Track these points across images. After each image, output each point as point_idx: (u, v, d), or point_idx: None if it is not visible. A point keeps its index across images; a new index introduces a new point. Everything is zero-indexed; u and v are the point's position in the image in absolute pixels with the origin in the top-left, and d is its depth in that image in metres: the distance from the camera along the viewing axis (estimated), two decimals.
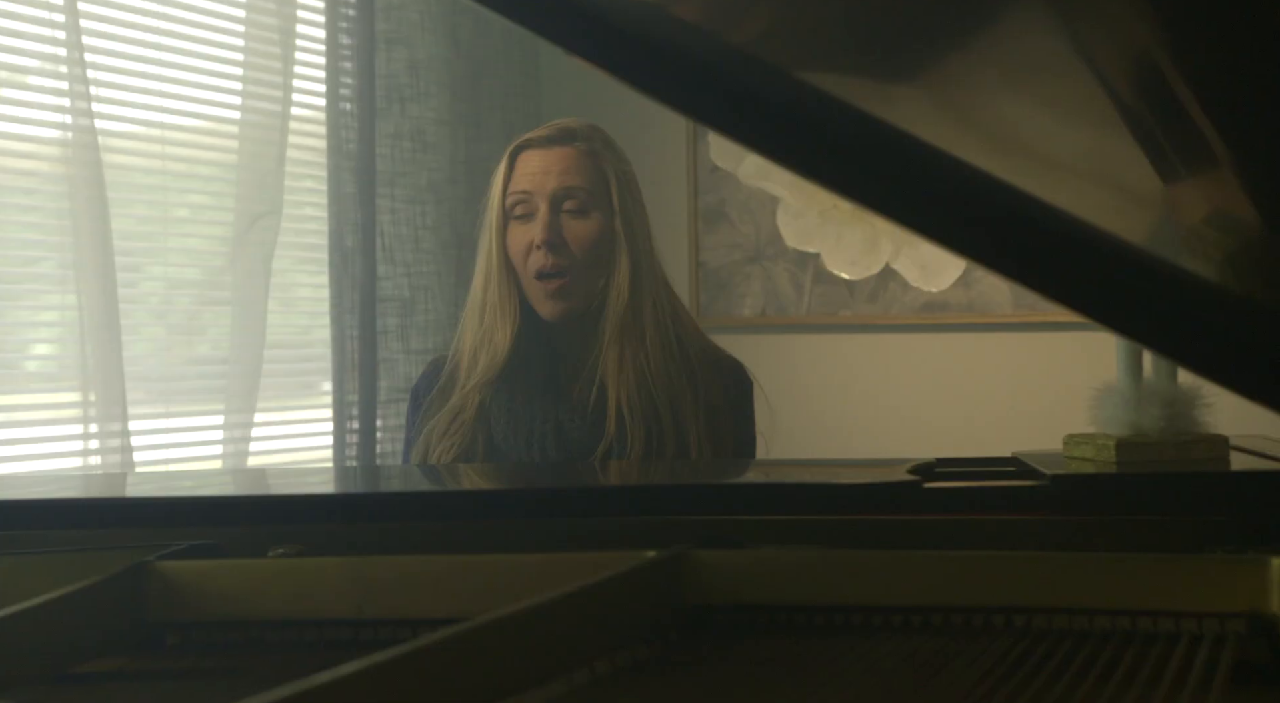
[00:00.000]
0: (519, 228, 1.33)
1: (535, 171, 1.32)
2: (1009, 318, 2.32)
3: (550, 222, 1.30)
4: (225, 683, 0.64)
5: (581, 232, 1.32)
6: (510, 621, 0.53)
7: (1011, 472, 0.83)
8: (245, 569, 0.70)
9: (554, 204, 1.31)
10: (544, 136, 1.34)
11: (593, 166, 1.34)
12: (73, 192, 1.70)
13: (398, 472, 1.25)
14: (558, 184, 1.32)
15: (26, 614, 0.56)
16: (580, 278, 1.32)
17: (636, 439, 1.29)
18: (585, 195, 1.32)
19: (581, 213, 1.32)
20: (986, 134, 0.69)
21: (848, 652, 0.63)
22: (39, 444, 1.74)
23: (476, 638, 0.51)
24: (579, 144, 1.34)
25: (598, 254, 1.32)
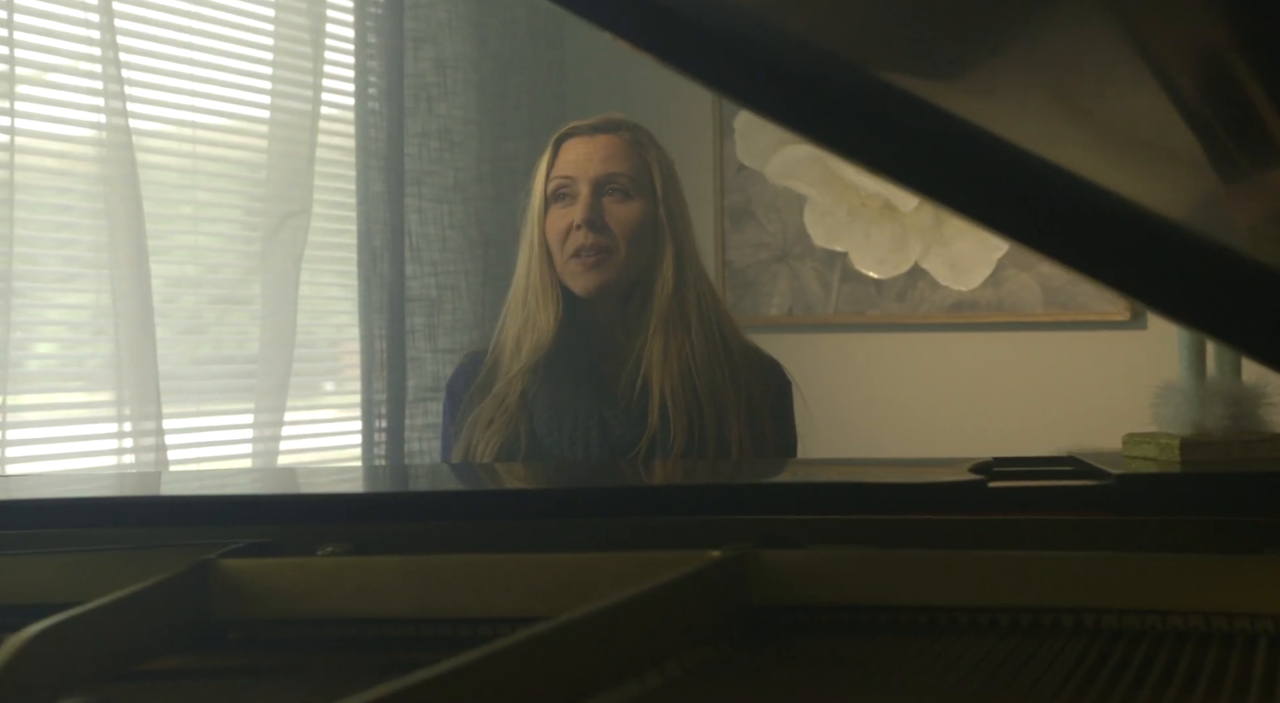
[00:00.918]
0: (559, 211, 1.34)
1: (578, 158, 1.34)
2: (1039, 317, 2.31)
3: (591, 203, 1.31)
4: (288, 681, 0.64)
5: (624, 214, 1.32)
6: (587, 621, 0.52)
7: (1070, 471, 0.82)
8: (306, 567, 0.70)
9: (596, 188, 1.32)
10: (589, 125, 1.36)
11: (636, 155, 1.35)
12: (108, 191, 1.71)
13: (446, 470, 1.25)
14: (601, 170, 1.33)
15: (96, 613, 0.56)
16: (619, 256, 1.32)
17: (679, 431, 1.28)
18: (628, 181, 1.33)
19: (624, 196, 1.33)
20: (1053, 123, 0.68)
21: (920, 653, 0.62)
22: (73, 443, 1.75)
23: (555, 640, 0.50)
24: (624, 133, 1.35)
25: (639, 237, 1.33)
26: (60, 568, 0.71)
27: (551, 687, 0.50)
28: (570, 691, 0.51)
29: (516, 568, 0.70)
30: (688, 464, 1.19)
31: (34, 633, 0.50)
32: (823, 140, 0.64)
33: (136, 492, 1.03)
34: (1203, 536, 0.72)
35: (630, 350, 1.34)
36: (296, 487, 1.06)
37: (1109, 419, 2.23)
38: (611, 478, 1.01)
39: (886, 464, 0.93)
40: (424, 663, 0.66)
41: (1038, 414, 2.32)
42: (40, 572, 0.70)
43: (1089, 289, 2.27)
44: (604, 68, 2.64)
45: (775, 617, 0.68)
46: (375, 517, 0.81)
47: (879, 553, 0.69)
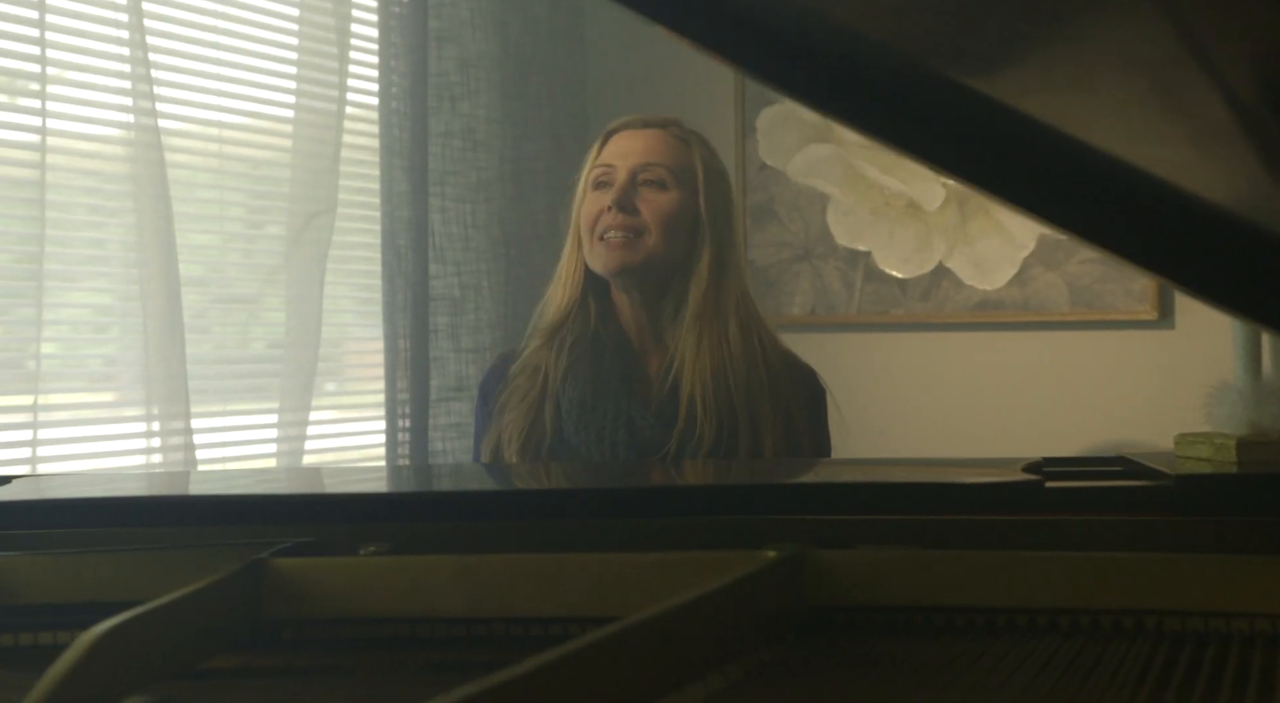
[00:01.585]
0: (595, 195, 1.35)
1: (622, 149, 1.35)
2: (1065, 316, 2.29)
3: (625, 186, 1.32)
4: (344, 680, 0.63)
5: (657, 202, 1.32)
6: (655, 623, 0.52)
7: (1123, 471, 0.81)
8: (358, 567, 0.70)
9: (632, 175, 1.33)
10: (639, 119, 1.38)
11: (681, 150, 1.35)
12: (136, 190, 1.71)
13: (484, 471, 1.24)
14: (641, 159, 1.34)
15: (158, 612, 0.56)
16: (647, 239, 1.32)
17: (706, 431, 1.27)
18: (666, 172, 1.34)
19: (660, 186, 1.33)
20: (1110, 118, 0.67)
21: (981, 655, 0.62)
22: (102, 443, 1.75)
23: (625, 641, 0.50)
24: (672, 129, 1.37)
25: (672, 226, 1.32)
26: (110, 567, 0.70)
27: (623, 689, 0.49)
28: (640, 693, 0.51)
29: (566, 567, 0.69)
30: (734, 464, 1.18)
31: (102, 632, 0.50)
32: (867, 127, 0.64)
33: (168, 491, 1.03)
34: (1263, 537, 0.71)
35: (662, 350, 1.34)
36: (334, 487, 1.06)
37: (1136, 419, 2.22)
38: (655, 478, 1.00)
39: (935, 464, 0.92)
40: (474, 663, 0.66)
41: (1063, 415, 2.30)
42: (90, 570, 0.70)
43: (1116, 288, 2.25)
44: (625, 67, 2.63)
45: (830, 618, 0.68)
46: (423, 516, 0.81)
47: (936, 554, 0.68)
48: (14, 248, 1.65)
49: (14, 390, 1.62)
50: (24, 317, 1.63)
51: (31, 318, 1.61)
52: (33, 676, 0.63)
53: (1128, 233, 0.63)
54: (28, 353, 1.63)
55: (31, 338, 1.61)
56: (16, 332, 1.64)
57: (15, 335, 1.65)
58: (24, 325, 1.63)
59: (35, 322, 1.61)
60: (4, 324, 1.65)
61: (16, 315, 1.65)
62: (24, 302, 1.63)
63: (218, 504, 0.83)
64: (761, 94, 2.52)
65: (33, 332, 1.61)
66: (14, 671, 0.63)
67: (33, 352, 1.62)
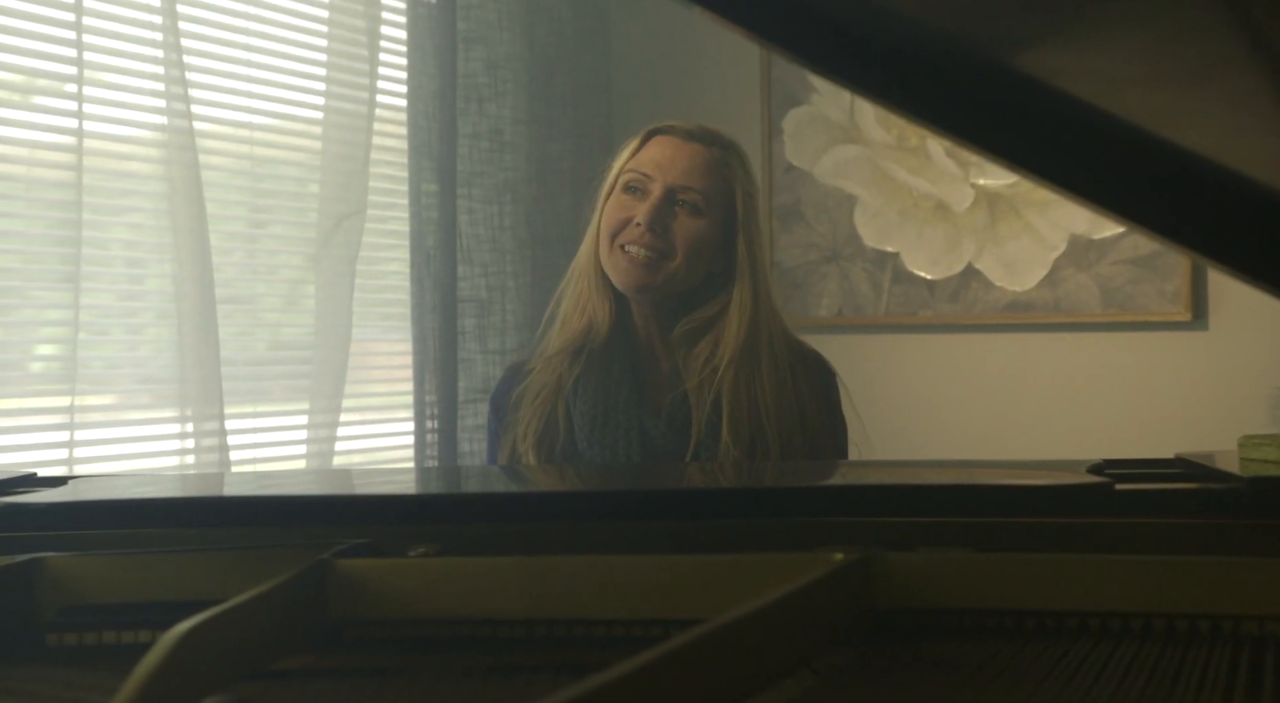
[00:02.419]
0: (625, 199, 1.30)
1: (662, 159, 1.30)
2: (1097, 318, 2.28)
3: (659, 206, 1.28)
4: (413, 681, 0.63)
5: (689, 227, 1.29)
6: (737, 627, 0.51)
7: (1184, 473, 0.80)
8: (421, 568, 0.69)
9: (668, 193, 1.29)
10: (685, 129, 1.33)
11: (721, 175, 1.31)
12: (171, 191, 1.71)
13: (536, 472, 1.24)
14: (680, 178, 1.29)
15: (233, 612, 0.56)
16: (672, 265, 1.29)
17: (728, 439, 1.27)
18: (702, 198, 1.30)
19: (694, 211, 1.30)
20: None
21: (1060, 659, 0.61)
22: (138, 444, 1.76)
23: (707, 646, 0.49)
24: (715, 150, 1.32)
25: (697, 254, 1.30)
26: (170, 567, 0.70)
27: (710, 696, 0.49)
28: (725, 697, 0.50)
29: (630, 570, 0.69)
30: (791, 466, 1.17)
31: (184, 630, 0.50)
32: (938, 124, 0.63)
33: (215, 493, 1.02)
34: None
35: (671, 354, 1.32)
36: (379, 489, 1.06)
37: (1169, 422, 2.20)
38: (707, 480, 1.00)
39: (996, 467, 0.91)
40: (537, 665, 0.66)
41: (1095, 417, 2.28)
42: (151, 571, 0.70)
43: (1149, 290, 2.24)
44: (649, 68, 2.63)
45: (898, 621, 0.67)
46: (474, 518, 0.80)
47: (1005, 556, 0.68)
48: (51, 249, 1.65)
49: (52, 392, 1.63)
50: (61, 317, 1.64)
51: (69, 319, 1.62)
52: (99, 675, 0.63)
53: (1200, 223, 0.62)
54: (64, 354, 1.63)
55: (68, 339, 1.62)
56: (52, 333, 1.65)
57: (51, 336, 1.65)
58: (60, 326, 1.64)
59: (73, 324, 1.61)
60: (40, 325, 1.66)
61: (52, 316, 1.65)
62: (59, 305, 1.64)
63: (274, 505, 0.83)
64: (788, 95, 2.52)
65: (69, 332, 1.62)
66: (83, 670, 0.63)
67: (70, 353, 1.62)
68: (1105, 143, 0.56)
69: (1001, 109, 0.55)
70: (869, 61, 0.62)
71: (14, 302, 1.63)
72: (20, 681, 0.62)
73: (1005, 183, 2.36)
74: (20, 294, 1.63)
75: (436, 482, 1.10)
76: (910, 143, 2.43)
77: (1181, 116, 0.56)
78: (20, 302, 1.64)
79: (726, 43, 2.56)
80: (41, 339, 1.66)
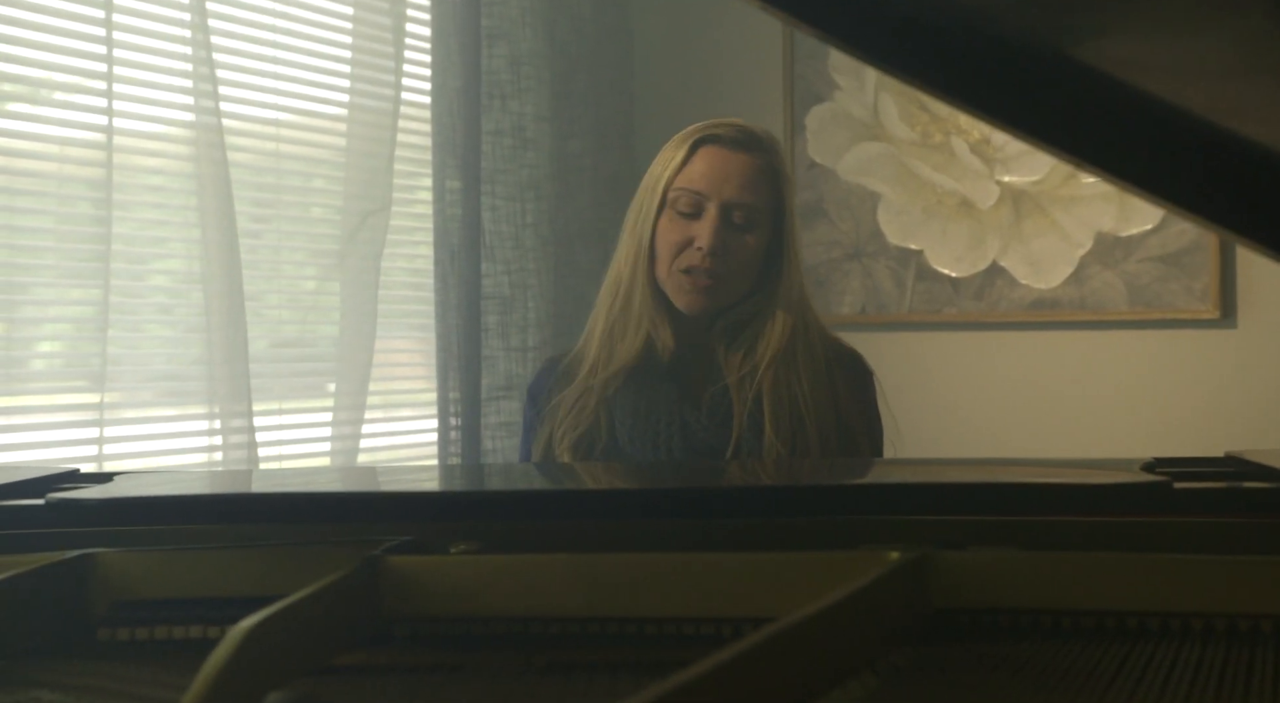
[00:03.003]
0: (679, 220, 1.30)
1: (714, 174, 1.29)
2: (1123, 315, 2.26)
3: (719, 229, 1.28)
4: (467, 680, 0.63)
5: (744, 245, 1.30)
6: (809, 625, 0.51)
7: (1239, 472, 0.79)
8: (474, 565, 0.69)
9: (724, 212, 1.29)
10: (730, 137, 1.31)
11: (770, 185, 1.31)
12: (200, 189, 1.72)
13: (583, 469, 1.24)
14: (735, 195, 1.29)
15: (294, 608, 0.55)
16: (729, 286, 1.31)
17: (769, 433, 1.27)
18: (755, 212, 1.30)
19: (748, 227, 1.30)
20: None
21: (1126, 659, 0.60)
22: (166, 440, 1.76)
23: (782, 643, 0.49)
24: (760, 156, 1.31)
25: (748, 271, 1.32)
26: (220, 563, 0.70)
27: (784, 692, 0.48)
28: (798, 696, 0.50)
29: (686, 567, 0.68)
30: (839, 464, 1.17)
31: (249, 626, 0.50)
32: None
33: (243, 489, 1.02)
34: None
35: (710, 347, 1.32)
36: (415, 486, 1.06)
37: (1197, 421, 2.19)
38: (755, 478, 0.99)
39: (1047, 465, 0.90)
40: (589, 663, 0.65)
41: (1122, 416, 2.27)
42: (203, 566, 0.70)
43: (1176, 287, 2.22)
44: (672, 65, 2.62)
45: (953, 620, 0.66)
46: (519, 515, 0.80)
47: (1063, 555, 0.67)
48: (81, 245, 1.65)
49: (82, 389, 1.63)
50: (89, 314, 1.64)
51: (98, 315, 1.62)
52: (152, 669, 0.63)
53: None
54: (94, 351, 1.64)
55: (97, 336, 1.62)
56: (81, 329, 1.65)
57: (80, 332, 1.66)
58: (89, 323, 1.64)
59: (101, 322, 1.62)
60: (69, 321, 1.66)
61: (81, 313, 1.66)
62: (88, 302, 1.64)
63: (324, 502, 0.82)
64: (811, 92, 2.50)
65: (97, 331, 1.62)
66: (134, 665, 0.63)
67: (99, 350, 1.62)
68: (1175, 136, 0.55)
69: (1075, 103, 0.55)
70: (928, 53, 0.61)
71: (44, 297, 1.64)
72: (73, 675, 0.62)
73: (1030, 180, 2.35)
74: (50, 290, 1.64)
75: (476, 479, 1.10)
76: (934, 140, 2.42)
77: (1264, 109, 0.55)
78: (52, 298, 1.65)
79: (749, 39, 2.55)
80: (71, 336, 1.66)
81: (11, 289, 1.57)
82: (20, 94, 1.59)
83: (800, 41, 2.50)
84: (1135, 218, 2.25)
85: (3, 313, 1.56)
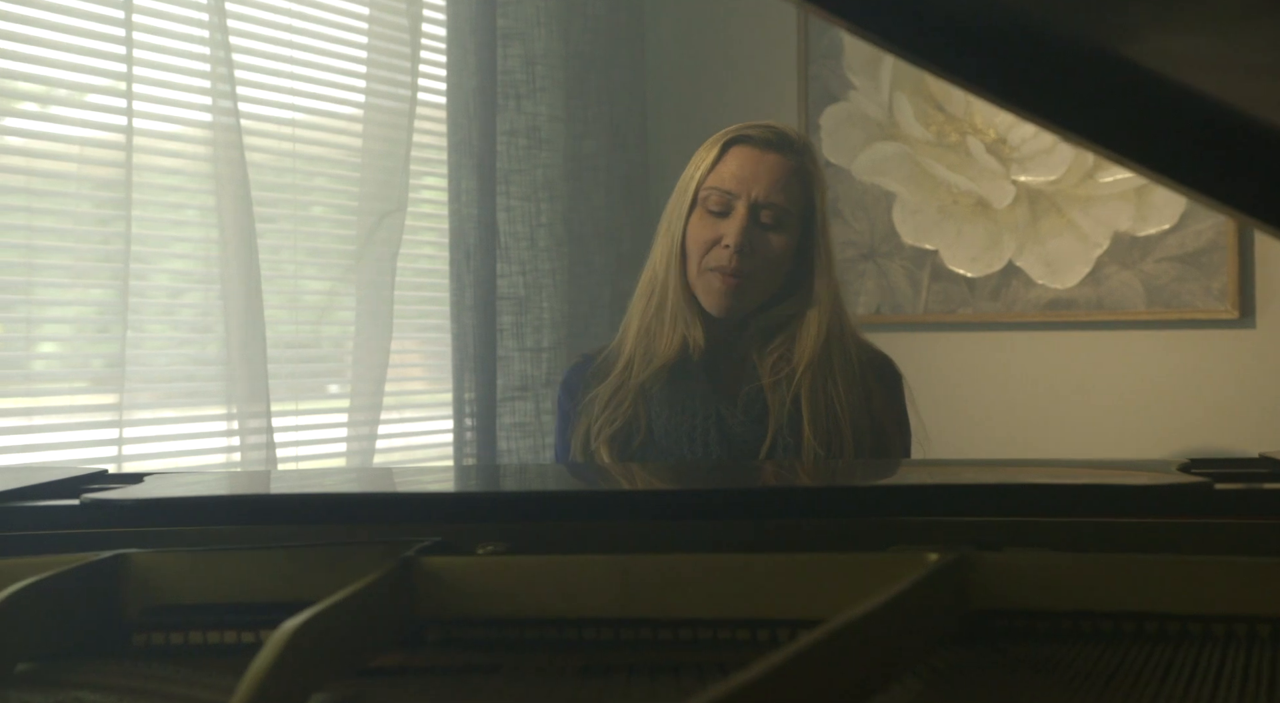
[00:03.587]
0: (709, 219, 1.31)
1: (744, 174, 1.30)
2: (1141, 315, 2.25)
3: (747, 228, 1.28)
4: (505, 682, 0.62)
5: (772, 244, 1.30)
6: (856, 628, 0.50)
7: (1272, 473, 0.78)
8: (509, 566, 0.69)
9: (753, 211, 1.29)
10: (762, 138, 1.31)
11: (800, 186, 1.31)
12: (219, 189, 1.72)
13: (616, 470, 1.23)
14: (763, 195, 1.29)
15: (333, 610, 0.55)
16: (756, 285, 1.31)
17: (805, 431, 1.28)
18: (784, 213, 1.30)
19: (776, 227, 1.30)
20: None
21: (1172, 663, 0.59)
22: (185, 441, 1.76)
23: (830, 648, 0.48)
24: (792, 157, 1.31)
25: (776, 269, 1.32)
26: (252, 565, 0.70)
27: (841, 695, 0.48)
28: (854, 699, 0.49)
29: (722, 569, 0.68)
30: (872, 464, 1.16)
31: (293, 628, 0.49)
32: None
33: (262, 490, 1.02)
34: None
35: (745, 344, 1.32)
36: (438, 486, 1.05)
37: (1216, 422, 2.17)
38: (789, 478, 0.99)
39: (1080, 465, 0.90)
40: (624, 665, 0.65)
41: (1140, 417, 2.26)
42: (235, 568, 0.69)
43: (1195, 287, 2.21)
44: (685, 64, 2.61)
45: (990, 622, 0.66)
46: (550, 516, 0.80)
47: (1103, 557, 0.66)
48: (100, 246, 1.65)
49: (101, 389, 1.63)
50: (104, 314, 1.64)
51: (115, 316, 1.62)
52: (188, 669, 0.63)
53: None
54: (113, 351, 1.64)
55: (116, 336, 1.62)
56: (100, 331, 1.66)
57: (100, 334, 1.66)
58: (107, 324, 1.64)
59: (120, 321, 1.62)
60: (88, 321, 1.66)
61: (98, 314, 1.66)
62: (105, 305, 1.64)
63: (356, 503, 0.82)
64: (825, 92, 2.50)
65: (118, 331, 1.62)
66: (175, 667, 0.63)
67: (118, 351, 1.62)
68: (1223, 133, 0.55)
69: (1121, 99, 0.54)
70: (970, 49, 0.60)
71: (63, 297, 1.64)
72: (110, 676, 0.61)
73: (1047, 180, 2.34)
74: (69, 291, 1.64)
75: (499, 480, 1.10)
76: (950, 140, 2.41)
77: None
78: (71, 298, 1.65)
79: (763, 39, 2.55)
80: (90, 336, 1.66)
81: (31, 289, 1.57)
82: (40, 94, 1.59)
83: (815, 42, 2.50)
84: (1153, 217, 2.24)
85: (22, 312, 1.56)
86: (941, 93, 2.41)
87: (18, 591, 0.60)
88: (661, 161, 2.54)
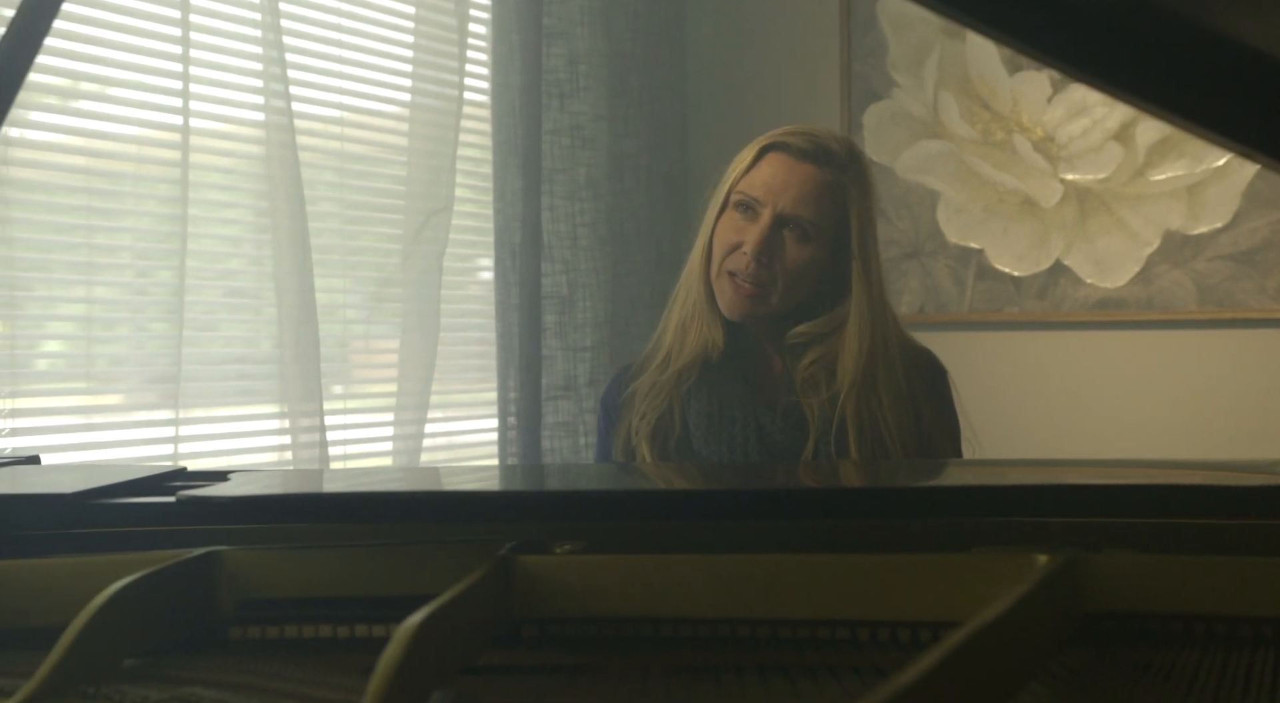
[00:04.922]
0: (736, 220, 1.30)
1: (774, 182, 1.28)
2: (1193, 315, 2.22)
3: (767, 237, 1.27)
4: (603, 680, 0.62)
5: (794, 255, 1.28)
6: (992, 632, 0.49)
7: None
8: (604, 566, 0.68)
9: (777, 221, 1.28)
10: (799, 147, 1.28)
11: (833, 201, 1.28)
12: (272, 190, 1.72)
13: (680, 469, 1.23)
14: (790, 207, 1.27)
15: (448, 608, 0.55)
16: (773, 294, 1.29)
17: (849, 437, 1.27)
18: (812, 226, 1.28)
19: (802, 238, 1.28)
20: None
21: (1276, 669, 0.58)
22: (239, 439, 1.77)
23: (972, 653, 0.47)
24: (829, 171, 1.28)
25: (800, 280, 1.30)
26: (343, 562, 0.70)
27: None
28: None
29: (819, 569, 0.67)
30: (960, 464, 1.15)
31: (416, 624, 0.49)
32: None
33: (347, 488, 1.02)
34: None
35: (783, 351, 1.32)
36: (515, 486, 1.05)
37: (1272, 423, 2.14)
38: (869, 479, 0.98)
39: (1164, 467, 0.88)
40: (716, 666, 0.64)
41: (1192, 418, 2.23)
42: (326, 565, 0.69)
43: (1249, 286, 2.18)
44: (727, 63, 2.61)
45: (1099, 625, 0.65)
46: (630, 516, 0.79)
47: (1218, 560, 0.65)
48: (156, 245, 1.66)
49: (157, 386, 1.64)
50: (162, 312, 1.65)
51: (173, 314, 1.63)
52: (291, 668, 0.62)
53: None
54: (169, 350, 1.64)
55: (172, 334, 1.63)
56: (158, 327, 1.67)
57: (157, 331, 1.67)
58: (164, 321, 1.65)
59: (177, 321, 1.63)
60: (147, 320, 1.67)
61: (154, 312, 1.67)
62: (160, 303, 1.65)
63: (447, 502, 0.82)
64: (869, 90, 2.48)
65: (173, 330, 1.63)
66: (278, 663, 0.63)
67: (174, 349, 1.63)
68: None
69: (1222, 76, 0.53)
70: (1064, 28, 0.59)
71: (119, 297, 1.65)
72: (216, 671, 0.61)
73: (1096, 178, 2.31)
74: (124, 290, 1.65)
75: (587, 479, 1.09)
76: (996, 137, 2.39)
77: None
78: (127, 299, 1.66)
79: (805, 37, 2.53)
80: (148, 334, 1.67)
81: (89, 286, 1.58)
82: (98, 93, 1.60)
83: (858, 39, 2.48)
84: (1205, 215, 2.21)
85: (80, 311, 1.58)
86: (987, 90, 2.39)
87: (123, 587, 0.60)
88: (702, 161, 2.54)
